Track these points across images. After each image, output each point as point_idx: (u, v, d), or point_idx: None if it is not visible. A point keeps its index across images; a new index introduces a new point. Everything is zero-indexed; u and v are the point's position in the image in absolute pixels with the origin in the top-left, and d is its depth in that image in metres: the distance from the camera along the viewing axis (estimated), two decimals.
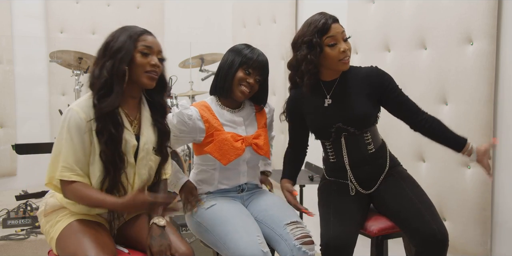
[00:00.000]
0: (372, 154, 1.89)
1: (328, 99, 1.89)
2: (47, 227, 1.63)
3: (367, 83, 1.86)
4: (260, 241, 1.68)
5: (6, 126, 3.90)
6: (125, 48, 1.56)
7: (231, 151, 1.82)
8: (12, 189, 3.64)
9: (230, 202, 1.86)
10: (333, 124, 1.85)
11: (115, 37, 1.59)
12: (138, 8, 4.32)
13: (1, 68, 3.90)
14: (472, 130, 2.12)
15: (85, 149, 1.54)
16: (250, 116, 1.95)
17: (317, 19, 1.83)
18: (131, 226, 1.69)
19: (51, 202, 1.66)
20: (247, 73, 1.84)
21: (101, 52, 1.60)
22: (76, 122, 1.52)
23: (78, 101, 1.59)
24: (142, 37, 1.61)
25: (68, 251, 1.50)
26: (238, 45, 1.91)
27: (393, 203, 1.84)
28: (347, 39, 1.83)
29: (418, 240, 1.73)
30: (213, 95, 1.94)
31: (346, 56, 1.81)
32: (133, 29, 1.62)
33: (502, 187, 2.09)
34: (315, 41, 1.79)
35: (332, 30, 1.80)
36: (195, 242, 2.61)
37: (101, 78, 1.54)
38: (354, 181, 1.91)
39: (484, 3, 2.05)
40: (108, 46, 1.58)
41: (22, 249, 2.71)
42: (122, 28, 1.63)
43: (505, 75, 2.06)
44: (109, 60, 1.55)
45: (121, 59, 1.55)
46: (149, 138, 1.66)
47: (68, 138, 1.52)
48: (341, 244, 1.72)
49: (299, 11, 3.46)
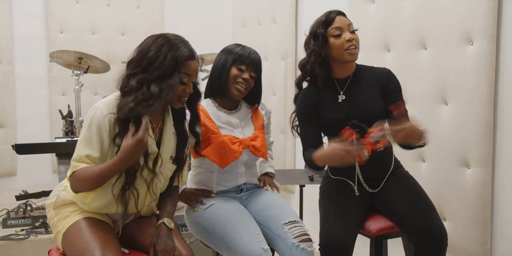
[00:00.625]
0: (380, 152, 1.90)
1: (342, 95, 1.91)
2: (55, 220, 1.63)
3: (379, 83, 1.89)
4: (260, 240, 1.69)
5: (6, 126, 3.90)
6: (173, 75, 1.52)
7: (228, 154, 1.82)
8: (12, 189, 3.64)
9: (229, 202, 1.87)
10: (347, 120, 1.86)
11: (159, 52, 1.53)
12: (138, 8, 4.31)
13: (1, 68, 3.89)
14: (472, 130, 2.12)
15: (103, 147, 1.52)
16: (247, 118, 1.95)
17: (322, 14, 1.88)
18: (134, 227, 1.70)
19: (63, 196, 1.65)
20: (240, 70, 1.84)
21: (139, 61, 1.54)
22: (99, 119, 1.51)
23: (105, 100, 1.56)
24: (187, 63, 1.56)
25: (76, 249, 1.50)
26: (229, 45, 1.92)
27: (393, 200, 1.85)
28: (354, 31, 1.85)
29: (416, 237, 1.74)
30: (208, 98, 1.94)
31: (352, 45, 1.82)
32: (179, 48, 1.56)
33: (502, 187, 2.09)
34: (319, 32, 1.84)
35: (337, 22, 1.84)
36: (195, 242, 2.61)
37: (140, 93, 1.50)
38: (361, 178, 1.91)
39: (484, 3, 2.05)
40: (150, 60, 1.53)
41: (22, 249, 2.71)
42: (167, 42, 1.56)
43: (505, 75, 2.06)
44: (156, 81, 1.51)
45: (169, 88, 1.52)
46: (169, 147, 1.67)
47: (87, 134, 1.51)
48: (340, 244, 1.72)
49: (299, 11, 3.46)
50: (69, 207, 1.63)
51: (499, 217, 2.11)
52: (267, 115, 2.04)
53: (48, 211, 1.70)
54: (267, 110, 2.05)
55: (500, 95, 2.08)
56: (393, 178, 1.94)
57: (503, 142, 2.08)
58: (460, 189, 2.19)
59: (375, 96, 1.89)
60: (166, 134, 1.66)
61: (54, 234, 1.64)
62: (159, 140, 1.65)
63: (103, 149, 1.53)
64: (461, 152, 2.18)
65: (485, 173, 2.11)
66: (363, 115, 1.86)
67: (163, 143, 1.65)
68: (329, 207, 1.87)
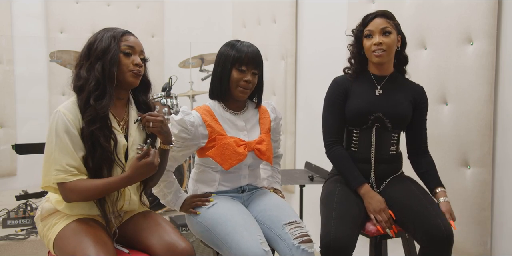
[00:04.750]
0: (392, 155, 1.98)
1: (379, 89, 1.97)
2: (44, 230, 1.64)
3: (413, 94, 2.00)
4: (262, 241, 1.68)
5: (6, 126, 3.90)
6: (112, 48, 1.59)
7: (233, 156, 1.81)
8: (12, 189, 3.65)
9: (230, 202, 1.86)
10: (374, 112, 1.93)
11: (97, 38, 1.61)
12: (138, 8, 4.31)
13: (1, 68, 3.90)
14: (472, 130, 2.12)
15: (76, 149, 1.55)
16: (254, 120, 1.93)
17: (366, 14, 1.99)
18: (131, 226, 1.69)
19: (46, 207, 1.67)
20: (242, 71, 1.81)
21: (85, 53, 1.62)
22: (64, 123, 1.53)
23: (64, 104, 1.59)
24: (125, 37, 1.64)
25: (67, 251, 1.50)
26: (223, 46, 1.87)
27: (400, 199, 1.88)
28: (386, 33, 1.92)
29: (422, 235, 1.75)
30: (213, 99, 1.92)
31: (378, 49, 1.91)
32: (115, 30, 1.65)
33: (502, 187, 2.09)
34: (355, 32, 2.00)
35: (372, 24, 1.94)
36: (195, 242, 2.61)
37: (90, 80, 1.57)
38: (373, 174, 1.96)
39: (484, 3, 2.05)
40: (92, 47, 1.60)
41: (22, 249, 2.71)
42: (104, 29, 1.66)
43: (505, 75, 2.06)
44: (98, 62, 1.58)
45: (111, 60, 1.58)
46: (136, 138, 1.68)
47: (58, 140, 1.53)
48: (341, 246, 1.72)
49: (299, 11, 3.46)
50: (56, 215, 1.63)
51: (499, 217, 2.11)
52: (276, 121, 2.00)
53: (37, 225, 1.70)
54: (277, 115, 2.01)
55: (500, 95, 2.08)
56: (397, 179, 1.99)
57: (503, 142, 2.08)
58: (460, 189, 2.19)
59: (408, 102, 1.98)
60: (132, 126, 1.68)
61: (46, 244, 1.64)
62: (127, 133, 1.67)
63: (79, 156, 1.55)
64: (461, 152, 2.18)
65: (485, 173, 2.11)
66: (395, 113, 1.94)
67: (130, 136, 1.67)
68: (330, 207, 1.87)
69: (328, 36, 3.11)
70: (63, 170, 1.52)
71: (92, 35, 1.65)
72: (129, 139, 1.66)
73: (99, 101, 1.56)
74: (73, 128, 1.54)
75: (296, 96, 3.50)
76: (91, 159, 1.56)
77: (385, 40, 1.90)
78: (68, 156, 1.53)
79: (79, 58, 1.64)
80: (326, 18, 3.15)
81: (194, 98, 3.68)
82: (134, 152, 1.65)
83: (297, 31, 3.47)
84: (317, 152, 2.16)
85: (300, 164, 3.29)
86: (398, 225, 1.87)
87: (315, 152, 3.02)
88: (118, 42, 1.61)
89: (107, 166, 1.58)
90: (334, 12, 3.05)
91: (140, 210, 1.76)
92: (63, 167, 1.52)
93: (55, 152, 1.53)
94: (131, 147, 1.66)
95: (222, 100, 1.89)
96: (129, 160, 1.65)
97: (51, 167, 1.53)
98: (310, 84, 3.36)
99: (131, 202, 1.70)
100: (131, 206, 1.72)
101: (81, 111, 1.57)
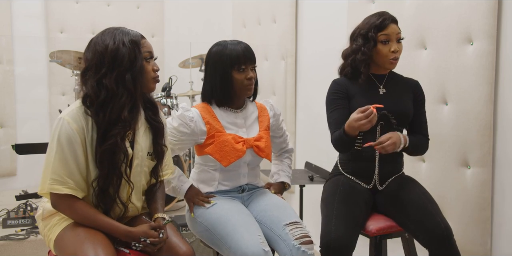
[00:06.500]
0: (395, 153, 1.96)
1: (382, 88, 2.00)
2: (45, 230, 1.64)
3: (411, 89, 2.03)
4: (261, 241, 1.68)
5: (6, 126, 3.90)
6: (138, 57, 1.51)
7: (231, 153, 1.81)
8: (12, 189, 3.65)
9: (230, 202, 1.86)
10: (380, 110, 1.91)
11: (115, 41, 1.51)
12: (138, 8, 4.31)
13: (1, 68, 3.89)
14: (472, 130, 2.12)
15: (78, 160, 1.51)
16: (252, 118, 1.94)
17: (378, 16, 1.95)
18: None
19: (48, 207, 1.66)
20: (242, 71, 1.81)
21: (108, 61, 1.49)
22: (67, 132, 1.48)
23: (68, 111, 1.52)
24: (143, 41, 1.57)
25: (68, 252, 1.50)
26: (212, 53, 1.85)
27: (401, 198, 1.88)
28: (400, 40, 1.94)
29: (422, 233, 1.75)
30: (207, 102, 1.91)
31: (395, 57, 1.92)
32: (130, 33, 1.55)
33: (502, 187, 2.09)
34: (370, 35, 1.93)
35: (388, 29, 1.92)
36: (195, 242, 2.61)
37: (121, 93, 1.48)
38: (377, 172, 1.97)
39: (484, 3, 2.05)
40: (116, 55, 1.49)
41: (22, 249, 2.71)
42: (115, 29, 1.56)
43: (505, 75, 2.06)
44: (128, 72, 1.49)
45: (140, 70, 1.51)
46: (143, 145, 1.64)
47: (59, 150, 1.49)
48: (341, 246, 1.72)
49: (299, 11, 3.46)
50: (56, 216, 1.63)
51: (499, 217, 2.11)
52: (275, 117, 2.01)
53: (38, 223, 1.70)
54: (276, 112, 2.02)
55: (500, 95, 2.08)
56: (398, 178, 2.00)
57: (503, 142, 2.08)
58: (460, 189, 2.19)
59: (409, 98, 2.01)
60: (139, 132, 1.63)
61: (47, 243, 1.63)
62: (133, 140, 1.62)
63: (80, 168, 1.51)
64: (461, 152, 2.18)
65: (485, 173, 2.11)
66: (400, 110, 1.96)
67: (136, 143, 1.62)
68: (331, 207, 1.87)
69: (328, 36, 3.11)
70: (60, 180, 1.49)
71: (98, 39, 1.54)
72: (135, 146, 1.62)
73: (130, 115, 1.50)
74: (77, 138, 1.49)
75: (296, 96, 3.50)
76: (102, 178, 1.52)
77: (399, 47, 1.94)
78: (67, 167, 1.49)
79: (90, 66, 1.52)
80: (326, 18, 3.16)
81: (194, 98, 3.68)
82: (139, 159, 1.62)
83: (297, 31, 3.47)
84: (317, 152, 2.16)
85: (300, 164, 3.29)
86: (398, 224, 1.87)
87: (315, 152, 3.02)
88: (140, 48, 1.53)
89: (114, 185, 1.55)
90: (334, 12, 3.06)
91: (141, 212, 1.76)
92: (61, 177, 1.49)
93: (55, 161, 1.49)
94: (137, 155, 1.62)
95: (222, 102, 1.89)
96: (134, 167, 1.61)
97: (48, 176, 1.50)
98: (310, 84, 3.36)
99: (133, 208, 1.71)
100: (133, 212, 1.72)
101: (97, 125, 1.49)
